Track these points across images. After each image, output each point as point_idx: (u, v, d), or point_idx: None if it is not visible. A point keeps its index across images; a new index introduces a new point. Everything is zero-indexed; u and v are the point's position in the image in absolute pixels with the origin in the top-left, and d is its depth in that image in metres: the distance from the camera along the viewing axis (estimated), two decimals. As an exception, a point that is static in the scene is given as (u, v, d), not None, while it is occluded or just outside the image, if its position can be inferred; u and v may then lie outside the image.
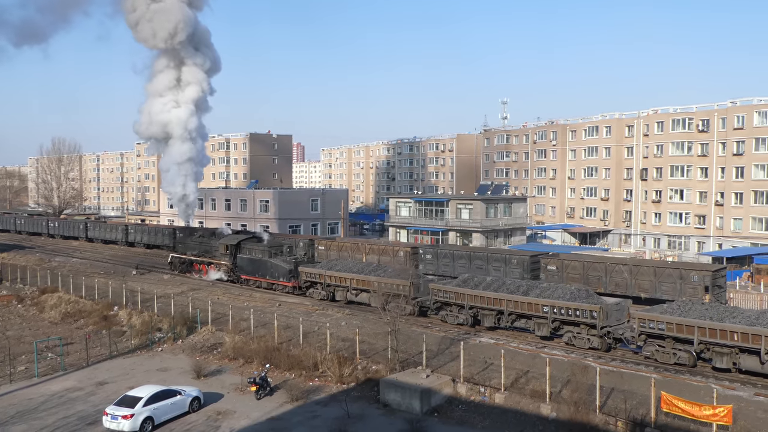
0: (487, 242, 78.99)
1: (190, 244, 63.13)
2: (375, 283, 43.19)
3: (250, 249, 55.55)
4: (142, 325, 41.03)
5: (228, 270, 57.48)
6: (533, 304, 35.74)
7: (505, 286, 38.28)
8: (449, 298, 39.77)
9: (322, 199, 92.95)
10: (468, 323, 39.15)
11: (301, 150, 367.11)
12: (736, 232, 76.02)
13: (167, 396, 27.23)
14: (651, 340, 31.64)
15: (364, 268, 47.04)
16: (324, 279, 48.05)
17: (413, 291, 42.12)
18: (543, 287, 37.42)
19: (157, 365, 35.06)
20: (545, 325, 35.53)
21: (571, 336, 34.73)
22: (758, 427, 23.49)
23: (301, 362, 32.79)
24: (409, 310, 41.88)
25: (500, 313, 37.58)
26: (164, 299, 47.12)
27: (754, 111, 74.49)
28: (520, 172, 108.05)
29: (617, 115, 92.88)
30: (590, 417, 24.77)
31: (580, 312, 33.92)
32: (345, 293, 47.02)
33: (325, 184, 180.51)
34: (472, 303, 38.64)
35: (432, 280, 44.12)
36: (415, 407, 27.42)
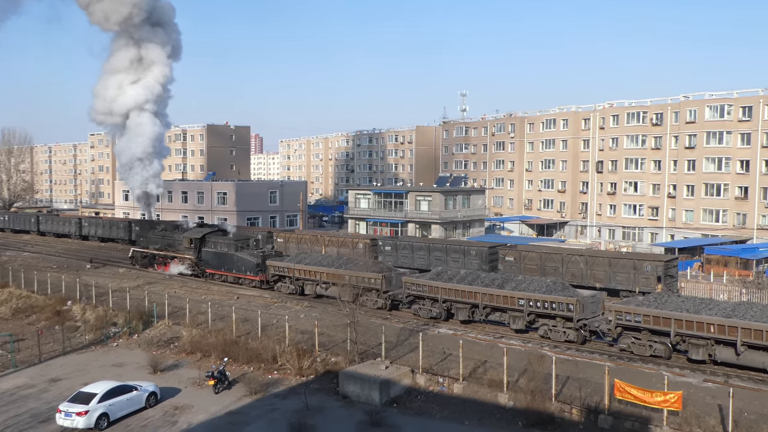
0: (446, 234, 79.46)
1: (153, 237, 61.55)
2: (346, 276, 42.62)
3: (216, 242, 54.29)
4: (96, 320, 40.31)
5: (192, 264, 56.20)
6: (509, 297, 35.37)
7: (479, 279, 38.03)
8: (422, 291, 39.26)
9: (280, 191, 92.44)
10: (441, 317, 38.69)
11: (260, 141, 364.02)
12: (687, 223, 77.79)
13: (123, 392, 26.87)
14: (627, 332, 31.64)
15: (334, 262, 46.38)
16: (293, 273, 47.10)
17: (385, 284, 41.62)
18: (518, 280, 37.12)
19: (113, 360, 34.54)
20: (521, 318, 35.22)
21: (546, 329, 34.48)
22: (707, 412, 24.14)
23: (259, 355, 32.63)
24: (380, 304, 41.86)
25: (474, 306, 37.19)
26: (120, 293, 46.38)
27: (706, 105, 76.17)
28: (479, 164, 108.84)
29: (574, 109, 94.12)
30: (546, 405, 25.19)
31: (556, 305, 33.75)
32: (314, 287, 46.24)
33: (284, 176, 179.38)
34: (446, 296, 38.16)
35: (404, 273, 43.72)
36: (375, 398, 27.53)
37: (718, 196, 75.11)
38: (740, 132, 73.66)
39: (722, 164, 74.67)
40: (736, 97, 74.78)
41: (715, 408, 24.35)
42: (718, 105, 75.23)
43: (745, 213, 73.01)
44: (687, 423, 23.34)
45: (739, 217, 73.56)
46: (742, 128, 73.41)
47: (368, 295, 42.29)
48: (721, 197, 74.77)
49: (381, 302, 41.87)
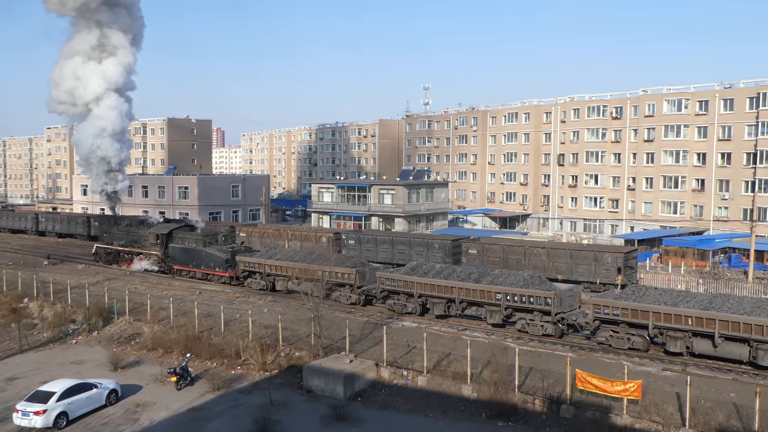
0: (409, 227, 79.63)
1: (117, 233, 60.19)
2: (318, 272, 41.36)
3: (183, 238, 53.03)
4: (54, 317, 39.51)
5: (159, 260, 55.08)
6: (485, 292, 35.13)
7: (455, 273, 37.76)
8: (397, 286, 38.81)
9: (243, 185, 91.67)
10: (417, 312, 38.26)
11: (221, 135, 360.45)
12: (646, 215, 79.11)
13: (82, 390, 26.39)
14: (605, 325, 31.66)
15: (306, 257, 45.66)
16: (263, 268, 46.30)
17: (359, 279, 41.23)
18: (495, 274, 36.81)
19: (72, 358, 33.91)
20: (498, 312, 34.93)
21: (524, 323, 34.23)
22: (665, 400, 24.60)
23: (222, 351, 32.35)
24: (354, 299, 41.49)
25: (451, 301, 36.84)
26: (78, 290, 45.53)
27: (664, 99, 77.45)
28: (442, 158, 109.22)
29: (536, 102, 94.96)
30: (510, 396, 25.41)
31: (534, 299, 33.60)
32: (286, 283, 45.23)
33: (246, 170, 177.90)
34: (421, 291, 37.81)
35: (378, 268, 43.22)
36: (339, 393, 27.48)
37: (676, 188, 76.52)
38: (697, 125, 75.11)
39: (680, 157, 76.08)
40: (692, 91, 76.20)
41: (674, 396, 24.83)
42: (675, 99, 76.57)
43: (701, 205, 74.52)
44: (646, 411, 23.78)
45: (696, 208, 75.07)
46: (699, 122, 74.85)
47: (341, 291, 42.09)
48: (679, 189, 76.19)
49: (355, 298, 41.45)
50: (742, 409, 23.38)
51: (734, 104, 71.82)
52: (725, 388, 25.73)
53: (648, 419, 23.41)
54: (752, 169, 69.93)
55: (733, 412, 23.39)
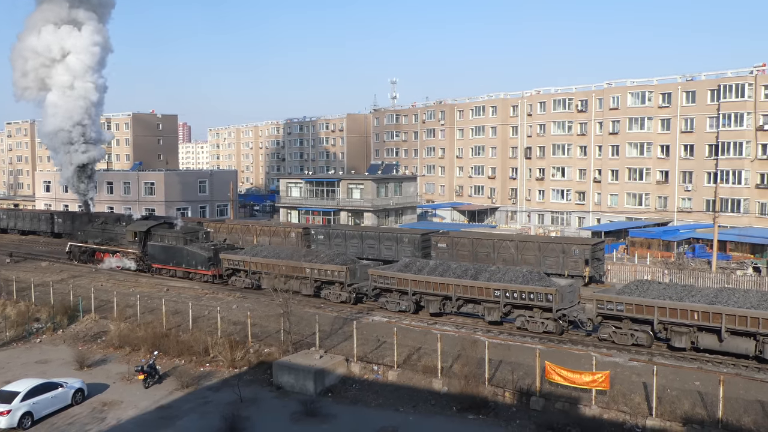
0: (378, 221, 79.63)
1: (92, 231, 58.36)
2: (307, 269, 41.30)
3: (163, 236, 51.40)
4: (17, 316, 38.79)
5: (137, 258, 53.53)
6: (484, 288, 34.23)
7: (451, 270, 36.73)
8: (390, 283, 37.75)
9: (210, 180, 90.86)
10: (410, 310, 37.37)
11: (188, 130, 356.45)
12: (612, 207, 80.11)
13: (47, 389, 25.94)
14: (607, 321, 31.00)
15: (294, 254, 44.76)
16: (249, 266, 45.09)
17: (349, 277, 40.18)
18: (492, 270, 35.97)
19: (36, 357, 33.31)
20: (496, 309, 34.12)
21: (523, 320, 33.45)
22: (633, 390, 24.94)
23: (191, 348, 32.06)
24: (344, 298, 40.53)
25: (446, 298, 35.93)
26: (42, 287, 44.77)
27: (628, 92, 78.40)
28: (410, 152, 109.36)
29: (502, 96, 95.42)
30: (480, 389, 25.55)
31: (534, 295, 32.74)
32: (272, 280, 42.71)
33: (213, 166, 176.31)
34: (415, 289, 36.84)
35: (369, 265, 42.26)
36: (309, 388, 27.39)
37: (640, 180, 77.55)
38: (660, 118, 76.19)
39: (644, 149, 77.11)
40: (656, 84, 77.25)
41: (641, 386, 25.19)
42: (639, 92, 77.55)
43: (666, 196, 75.67)
44: (614, 401, 24.09)
45: (660, 200, 76.20)
46: (662, 114, 75.94)
47: (331, 288, 41.25)
48: (644, 181, 77.25)
49: (345, 296, 40.47)
50: (706, 397, 23.82)
51: (696, 97, 72.95)
52: (690, 377, 26.18)
53: (616, 409, 23.72)
54: (714, 161, 71.17)
55: (698, 400, 23.81)
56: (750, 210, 68.44)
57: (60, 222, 77.07)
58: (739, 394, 24.03)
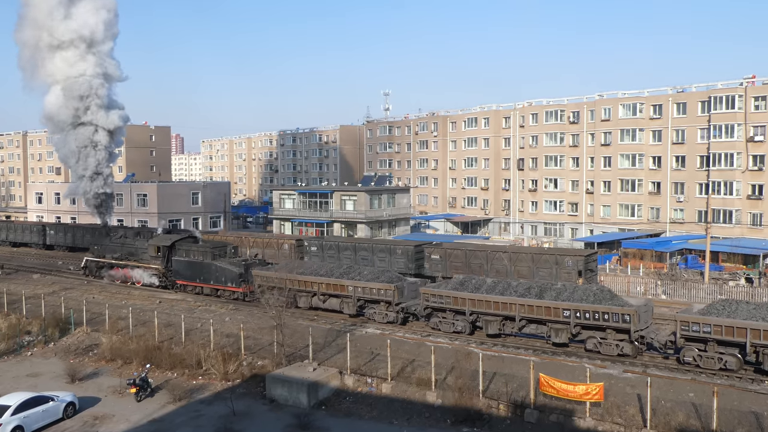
0: (371, 233, 79.56)
1: (110, 245, 55.94)
2: (350, 287, 39.18)
3: (188, 250, 49.04)
4: (9, 329, 38.46)
5: (160, 274, 51.11)
6: (552, 308, 32.19)
7: (511, 288, 34.64)
8: (444, 303, 35.53)
9: (203, 192, 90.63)
10: (466, 331, 35.18)
11: (180, 142, 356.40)
12: (605, 218, 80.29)
13: (38, 403, 25.78)
14: (689, 344, 29.19)
15: (334, 271, 42.03)
16: (284, 283, 40.98)
17: (397, 296, 37.81)
18: (558, 288, 33.85)
19: (27, 371, 33.07)
20: (564, 330, 32.09)
21: (595, 342, 31.35)
22: (627, 401, 24.92)
23: (183, 361, 31.88)
24: (392, 318, 38.03)
25: (507, 318, 33.91)
26: (34, 300, 44.50)
27: (620, 104, 78.79)
28: (403, 163, 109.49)
29: (495, 107, 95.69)
30: (474, 401, 25.49)
31: (609, 315, 30.69)
32: (310, 299, 41.88)
33: (207, 177, 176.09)
34: (473, 308, 34.66)
35: (417, 282, 39.92)
36: (303, 401, 27.26)
37: (633, 191, 77.79)
38: (652, 129, 76.54)
39: (636, 160, 77.41)
40: (647, 95, 77.67)
41: (635, 397, 25.17)
42: (630, 103, 77.93)
43: (658, 207, 75.91)
44: (609, 413, 24.05)
45: (653, 211, 76.44)
46: (654, 126, 76.30)
47: (375, 308, 38.90)
48: (636, 192, 77.49)
49: (392, 315, 37.94)
50: (700, 409, 23.82)
51: (687, 108, 73.34)
52: (684, 388, 26.18)
53: (610, 421, 23.68)
54: (705, 172, 71.48)
55: (692, 411, 23.80)
56: (742, 221, 68.72)
57: (52, 234, 76.80)
58: (733, 405, 24.05)
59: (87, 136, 57.70)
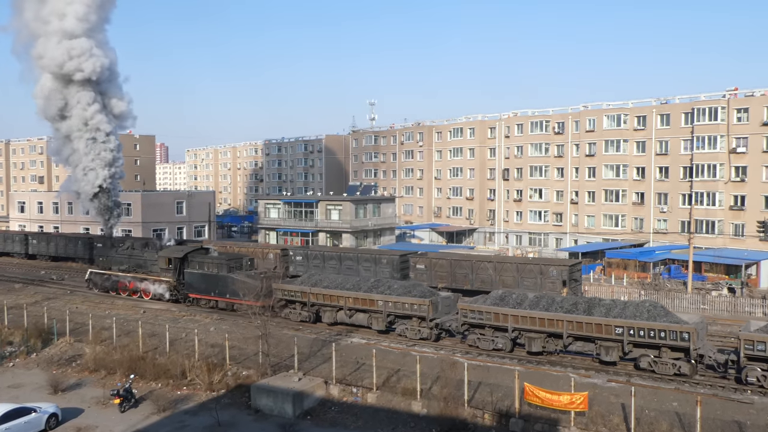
0: (357, 242, 79.59)
1: (116, 257, 53.38)
2: (379, 302, 37.47)
3: (202, 263, 46.87)
4: (-10, 340, 38.14)
5: (171, 287, 48.92)
6: (603, 326, 30.58)
7: (555, 303, 33.16)
8: (484, 319, 33.98)
9: (188, 201, 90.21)
10: (507, 348, 33.52)
11: (165, 151, 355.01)
12: (589, 228, 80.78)
13: (20, 414, 25.49)
14: (752, 363, 27.95)
15: (361, 284, 40.31)
16: (308, 297, 40.87)
17: (432, 311, 36.36)
18: (608, 304, 32.25)
19: (9, 382, 32.71)
20: (615, 348, 30.66)
21: (649, 361, 30.02)
22: (611, 411, 25.04)
23: (168, 371, 31.66)
24: (425, 334, 36.28)
25: (551, 335, 32.54)
26: (16, 310, 44.07)
27: (604, 115, 79.46)
28: (389, 173, 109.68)
29: (480, 118, 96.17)
30: (459, 411, 25.49)
31: (666, 333, 29.27)
32: (335, 314, 40.14)
33: (191, 186, 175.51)
34: (515, 325, 33.03)
35: (450, 297, 38.34)
36: (288, 411, 27.17)
37: (617, 201, 78.36)
38: (636, 140, 77.21)
39: (620, 171, 78.05)
40: (631, 107, 78.39)
41: (619, 407, 25.30)
42: (615, 115, 78.62)
43: (641, 218, 76.48)
44: (593, 422, 24.14)
45: (636, 221, 77.00)
46: (638, 137, 76.98)
47: (407, 324, 37.13)
48: (620, 203, 78.07)
49: (426, 332, 36.24)
50: (684, 418, 23.97)
51: (670, 119, 74.10)
52: (668, 397, 26.34)
53: (595, 430, 23.77)
54: (689, 183, 72.15)
55: (676, 421, 23.95)
56: (724, 231, 69.39)
57: (34, 243, 76.16)
58: (716, 414, 24.23)
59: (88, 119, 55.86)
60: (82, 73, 54.53)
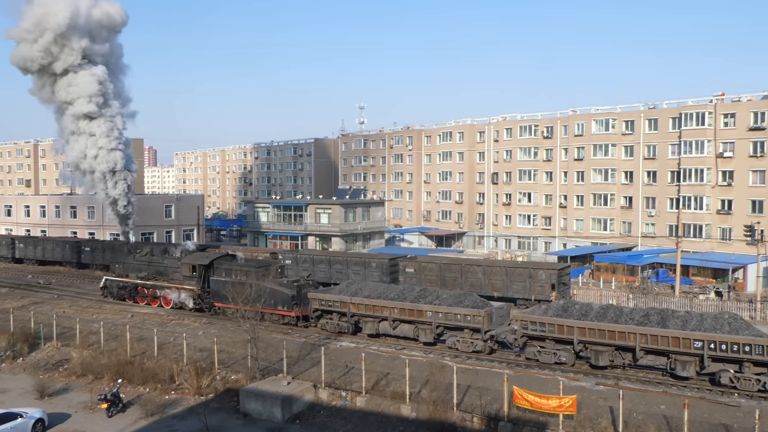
0: (346, 246, 79.56)
1: (134, 264, 51.01)
2: (428, 312, 35.25)
3: (229, 270, 44.35)
4: (-24, 345, 37.80)
5: (195, 296, 46.32)
6: (680, 339, 28.84)
7: (625, 315, 31.35)
8: (547, 331, 31.98)
9: (176, 205, 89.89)
10: (571, 362, 31.81)
11: (153, 154, 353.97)
12: (578, 232, 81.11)
13: (6, 420, 25.26)
14: None
15: (406, 293, 37.92)
16: (347, 307, 38.57)
17: (487, 322, 34.21)
18: (682, 316, 30.74)
19: (-5, 387, 32.47)
20: (692, 363, 28.90)
21: (731, 377, 28.12)
22: (599, 414, 25.11)
23: (156, 375, 31.49)
24: (479, 347, 34.15)
25: (621, 348, 30.70)
26: (2, 315, 43.74)
27: (592, 119, 79.88)
28: (378, 176, 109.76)
29: (469, 122, 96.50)
30: (448, 415, 25.48)
31: (751, 348, 27.34)
32: (377, 324, 37.82)
33: (180, 190, 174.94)
34: (581, 337, 31.07)
35: (503, 307, 36.29)
36: (277, 415, 27.08)
37: (605, 205, 78.77)
38: (624, 144, 77.66)
39: (608, 175, 78.46)
40: (619, 111, 78.86)
41: (607, 410, 25.37)
42: (603, 119, 79.06)
43: (630, 221, 76.87)
44: (581, 426, 24.19)
45: (625, 225, 77.39)
46: (626, 141, 77.41)
47: (459, 335, 34.96)
48: (608, 207, 78.48)
49: (480, 344, 34.07)
50: (671, 421, 24.08)
51: (658, 124, 74.61)
52: (656, 400, 26.45)
53: (583, 433, 23.83)
54: (676, 187, 72.60)
55: (664, 423, 24.05)
56: (711, 235, 69.86)
57: (21, 247, 75.68)
58: (703, 417, 24.35)
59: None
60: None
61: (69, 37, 52.25)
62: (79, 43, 52.87)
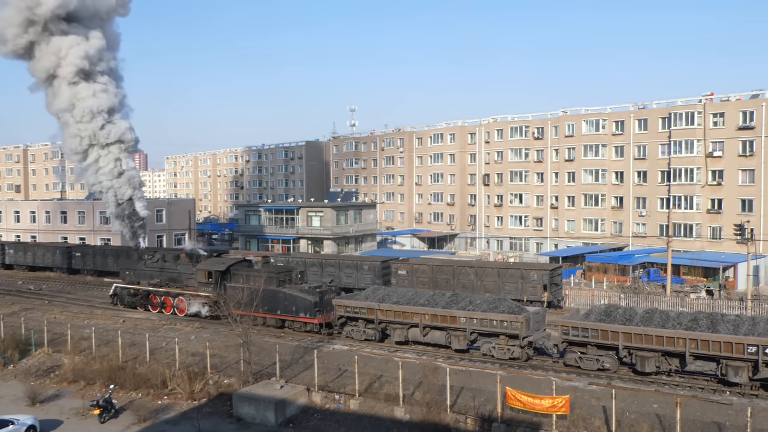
0: (338, 249, 79.54)
1: (145, 270, 49.49)
2: (462, 319, 34.06)
3: (247, 276, 42.69)
4: (-34, 351, 37.58)
5: (211, 303, 44.05)
6: (733, 344, 27.53)
7: (672, 320, 30.34)
8: (589, 336, 30.86)
9: (167, 209, 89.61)
10: (614, 369, 30.59)
11: (144, 158, 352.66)
12: (569, 232, 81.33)
13: (-3, 427, 25.15)
14: None
15: (437, 299, 36.62)
16: (374, 314, 37.24)
17: (525, 328, 33.09)
18: (733, 320, 29.54)
19: (-14, 394, 32.27)
20: (744, 369, 27.74)
21: None
22: (592, 414, 25.18)
23: (148, 380, 31.38)
24: (516, 353, 33.01)
25: (667, 354, 29.56)
26: (-7, 321, 43.49)
27: (583, 120, 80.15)
28: (369, 179, 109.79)
29: (460, 123, 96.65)
30: (442, 416, 25.51)
31: None
32: (406, 331, 36.51)
33: (171, 194, 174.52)
34: (626, 343, 30.00)
35: (540, 312, 35.08)
36: (270, 419, 27.03)
37: (596, 206, 79.03)
38: (614, 145, 77.94)
39: (599, 176, 78.72)
40: (609, 112, 79.15)
41: (600, 409, 25.44)
42: (593, 120, 79.33)
43: (621, 222, 77.13)
44: (575, 425, 24.25)
45: (616, 225, 77.64)
46: (616, 141, 77.70)
47: (495, 342, 33.76)
48: (599, 207, 78.75)
49: (517, 352, 32.96)
50: (664, 419, 24.16)
51: (648, 124, 74.92)
52: (648, 399, 26.55)
53: (576, 433, 23.89)
54: (666, 187, 72.91)
55: (656, 422, 24.13)
56: (702, 234, 70.18)
57: (11, 253, 75.27)
58: (696, 416, 24.45)
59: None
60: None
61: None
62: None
